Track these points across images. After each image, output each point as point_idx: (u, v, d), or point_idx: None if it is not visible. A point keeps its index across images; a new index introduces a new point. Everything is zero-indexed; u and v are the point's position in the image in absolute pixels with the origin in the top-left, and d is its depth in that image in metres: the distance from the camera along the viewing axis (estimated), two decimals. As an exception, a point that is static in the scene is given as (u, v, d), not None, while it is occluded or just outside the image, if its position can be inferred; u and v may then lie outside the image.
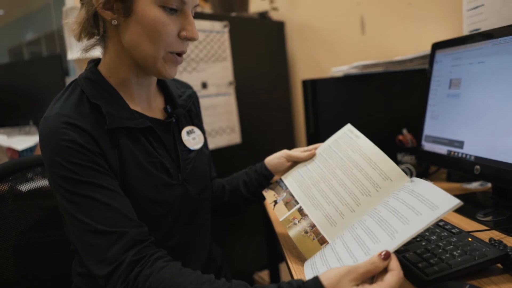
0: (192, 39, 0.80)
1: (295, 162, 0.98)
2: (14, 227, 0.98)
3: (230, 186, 1.06)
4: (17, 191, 0.99)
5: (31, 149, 1.94)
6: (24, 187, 1.00)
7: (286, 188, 0.92)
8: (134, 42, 0.77)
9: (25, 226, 1.01)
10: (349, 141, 0.89)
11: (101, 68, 0.84)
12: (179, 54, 0.82)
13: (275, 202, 0.91)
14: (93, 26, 0.79)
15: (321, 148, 0.96)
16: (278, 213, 0.89)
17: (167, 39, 0.77)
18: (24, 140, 1.98)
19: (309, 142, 1.51)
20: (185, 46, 0.82)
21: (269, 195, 0.95)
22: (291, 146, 2.22)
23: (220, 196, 1.07)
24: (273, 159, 1.00)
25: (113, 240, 0.70)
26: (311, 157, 0.95)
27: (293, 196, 0.89)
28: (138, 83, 0.85)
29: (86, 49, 0.84)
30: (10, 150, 1.91)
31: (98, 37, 0.82)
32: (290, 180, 0.94)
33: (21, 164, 1.00)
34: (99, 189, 0.73)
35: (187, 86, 1.05)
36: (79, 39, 0.81)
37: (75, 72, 2.55)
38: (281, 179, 0.97)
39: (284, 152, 1.00)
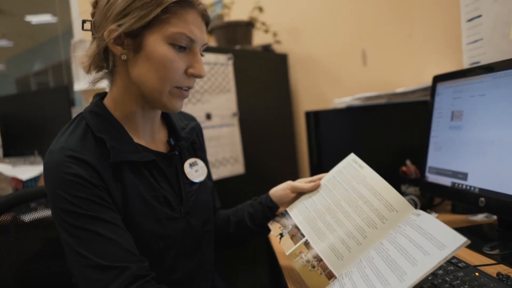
0: (199, 76, 0.82)
1: (299, 193, 0.98)
2: (16, 257, 0.97)
3: (235, 218, 1.05)
4: (20, 221, 0.99)
5: (35, 179, 1.94)
6: (27, 217, 1.00)
7: (292, 220, 0.92)
8: (141, 76, 0.79)
9: (27, 257, 1.00)
10: (353, 171, 0.89)
11: (107, 102, 0.85)
12: (187, 89, 0.84)
13: (281, 235, 0.91)
14: (102, 60, 0.81)
15: (325, 178, 0.96)
16: (284, 246, 0.88)
17: (174, 76, 0.79)
18: (28, 170, 1.99)
19: (313, 173, 1.51)
20: (192, 82, 0.84)
21: (274, 228, 0.95)
22: (294, 177, 2.22)
23: (225, 227, 1.06)
24: (278, 191, 1.00)
25: (114, 275, 0.70)
26: (315, 188, 0.95)
27: (298, 229, 0.88)
28: (143, 116, 0.86)
29: (94, 82, 0.86)
30: (15, 179, 1.91)
31: (106, 71, 0.84)
32: (295, 212, 0.94)
33: (25, 196, 1.00)
34: (101, 223, 0.73)
35: (191, 118, 1.06)
36: (88, 71, 0.83)
37: (82, 103, 2.59)
38: (286, 211, 0.96)
39: (289, 183, 1.00)
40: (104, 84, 0.88)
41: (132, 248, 0.74)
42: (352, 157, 0.93)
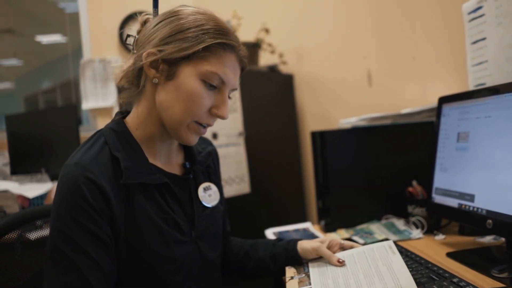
0: (221, 117, 0.84)
1: None
2: (22, 275, 0.97)
3: (256, 256, 1.03)
4: (26, 239, 0.99)
5: (42, 197, 1.95)
6: (33, 235, 1.00)
7: (308, 272, 0.92)
8: (166, 103, 0.80)
9: (33, 274, 1.00)
10: (384, 253, 0.89)
11: (129, 120, 0.87)
12: (205, 126, 0.85)
13: (292, 277, 0.91)
14: (135, 77, 0.84)
15: (355, 250, 0.94)
16: (289, 286, 0.88)
17: (198, 111, 0.80)
18: (35, 188, 1.99)
19: (319, 193, 1.51)
20: (213, 121, 0.85)
21: (289, 271, 0.95)
22: (300, 196, 2.22)
23: (243, 262, 1.04)
24: (306, 248, 0.96)
25: None
26: (341, 266, 0.90)
27: (309, 278, 0.88)
28: (162, 139, 0.88)
29: (122, 99, 0.88)
30: (21, 197, 1.92)
31: (135, 89, 0.85)
32: (315, 270, 0.93)
33: (31, 214, 1.00)
34: (86, 260, 0.72)
35: (208, 143, 1.06)
36: (119, 83, 0.85)
37: (89, 122, 2.62)
38: (307, 265, 0.96)
39: (318, 247, 0.94)
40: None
41: None
42: (389, 243, 0.92)
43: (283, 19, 2.28)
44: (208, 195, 0.96)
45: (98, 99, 2.54)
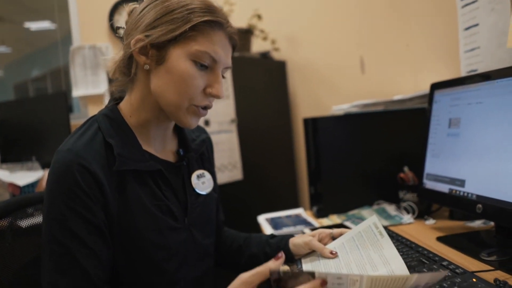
0: (216, 96, 0.83)
1: None
2: (13, 263, 0.96)
3: (249, 251, 1.02)
4: (16, 227, 0.98)
5: (32, 185, 1.94)
6: (24, 223, 0.99)
7: (301, 268, 0.91)
8: (160, 89, 0.80)
9: (24, 263, 0.99)
10: (373, 238, 0.88)
11: (123, 107, 0.86)
12: (204, 108, 0.84)
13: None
14: (126, 67, 0.83)
15: (345, 238, 0.93)
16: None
17: (192, 93, 0.80)
18: (26, 176, 1.98)
19: (311, 179, 1.52)
20: (210, 101, 0.84)
21: (283, 269, 0.94)
22: (292, 183, 2.23)
23: (236, 256, 1.04)
24: (296, 245, 0.96)
25: None
26: (334, 257, 0.89)
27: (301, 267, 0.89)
28: (157, 125, 0.87)
29: (115, 87, 0.87)
30: (12, 185, 1.91)
31: (127, 78, 0.84)
32: (308, 265, 0.92)
33: (22, 202, 0.99)
34: (81, 247, 0.72)
35: (202, 131, 1.06)
36: (112, 75, 0.85)
37: (80, 110, 2.59)
38: (300, 261, 0.95)
39: (309, 241, 0.93)
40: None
41: (99, 281, 0.74)
42: (373, 221, 0.91)
43: (275, 5, 2.26)
44: (202, 183, 0.95)
45: (89, 86, 2.51)
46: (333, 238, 0.97)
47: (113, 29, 2.47)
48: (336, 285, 0.77)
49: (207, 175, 0.98)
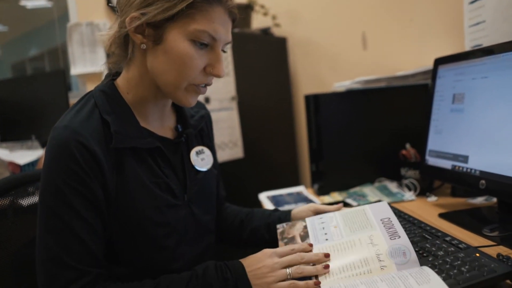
0: (217, 76, 0.80)
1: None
2: (14, 241, 0.96)
3: (250, 225, 1.02)
4: (18, 205, 0.98)
5: (33, 164, 1.94)
6: (25, 202, 0.99)
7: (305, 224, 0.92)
8: (158, 69, 0.77)
9: (26, 241, 0.99)
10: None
11: (119, 83, 0.84)
12: (204, 86, 0.82)
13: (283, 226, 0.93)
14: (122, 44, 0.80)
15: (347, 210, 0.93)
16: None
17: (192, 73, 0.77)
18: (26, 155, 1.98)
19: (312, 156, 1.51)
20: (210, 79, 0.82)
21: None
22: (293, 161, 2.22)
23: (238, 231, 1.04)
24: (300, 212, 0.98)
25: (74, 276, 0.70)
26: (339, 209, 0.93)
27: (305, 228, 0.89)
28: (155, 102, 0.85)
29: (111, 63, 0.85)
30: (12, 164, 1.90)
31: (123, 54, 0.82)
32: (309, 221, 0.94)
33: (23, 179, 0.99)
34: (79, 221, 0.72)
35: (201, 106, 1.04)
36: (108, 50, 0.82)
37: (78, 88, 2.57)
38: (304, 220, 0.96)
39: (312, 205, 0.97)
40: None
41: (99, 254, 0.74)
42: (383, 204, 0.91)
43: (276, -21, 2.21)
44: (201, 159, 0.94)
45: (87, 64, 2.48)
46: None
47: (110, 5, 2.42)
48: (320, 223, 0.88)
49: (207, 151, 0.97)
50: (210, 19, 0.75)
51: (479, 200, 1.19)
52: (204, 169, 0.94)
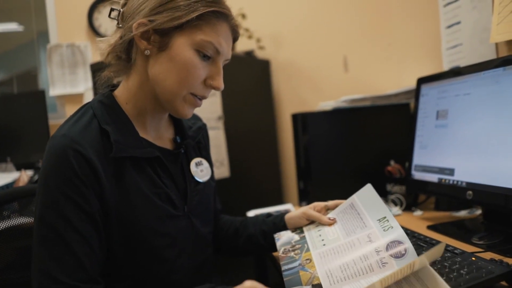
0: (216, 88, 0.82)
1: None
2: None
3: (246, 232, 1.03)
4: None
5: (7, 187, 1.87)
6: (0, 226, 0.95)
7: (303, 235, 0.93)
8: (160, 76, 0.78)
9: (1, 267, 0.95)
10: (369, 203, 0.91)
11: (118, 93, 0.85)
12: (200, 98, 0.83)
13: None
14: (123, 51, 0.81)
15: (340, 208, 0.97)
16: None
17: (193, 82, 0.79)
18: (0, 178, 1.91)
19: (300, 173, 1.53)
20: (207, 92, 0.83)
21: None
22: (277, 179, 2.24)
23: (233, 238, 1.04)
24: (293, 218, 0.99)
25: None
26: (332, 223, 0.93)
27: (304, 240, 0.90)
28: (154, 113, 0.86)
29: (110, 74, 0.86)
30: (-13, 186, 1.83)
31: (124, 63, 0.83)
32: (309, 232, 0.94)
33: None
34: (74, 234, 0.71)
35: (197, 118, 1.05)
36: (105, 59, 0.83)
37: (57, 109, 2.52)
38: (302, 229, 0.97)
39: (305, 212, 0.98)
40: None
41: (91, 270, 0.73)
42: (368, 187, 0.94)
43: (260, 4, 2.28)
44: (200, 170, 0.95)
45: (66, 85, 2.45)
46: (328, 210, 1.00)
47: (92, 24, 2.42)
48: (317, 231, 0.88)
49: (205, 163, 0.98)
50: (216, 32, 0.78)
51: (463, 213, 1.24)
52: (203, 180, 0.95)
